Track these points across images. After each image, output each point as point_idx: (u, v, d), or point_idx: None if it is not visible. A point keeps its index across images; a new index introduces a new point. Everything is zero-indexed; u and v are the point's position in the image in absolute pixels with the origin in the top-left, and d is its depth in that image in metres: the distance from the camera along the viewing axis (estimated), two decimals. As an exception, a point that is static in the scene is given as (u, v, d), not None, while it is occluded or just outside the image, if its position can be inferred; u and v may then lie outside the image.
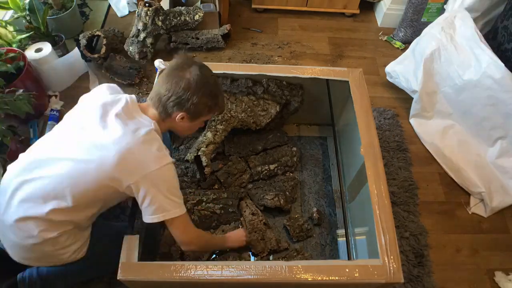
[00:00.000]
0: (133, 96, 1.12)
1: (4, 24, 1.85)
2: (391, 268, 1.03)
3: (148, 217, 1.04)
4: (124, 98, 1.09)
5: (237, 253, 1.39)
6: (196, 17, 2.07)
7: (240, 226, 1.44)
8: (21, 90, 1.41)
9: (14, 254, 1.06)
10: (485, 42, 1.57)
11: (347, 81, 1.45)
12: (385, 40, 2.35)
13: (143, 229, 1.23)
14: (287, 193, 1.54)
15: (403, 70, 1.93)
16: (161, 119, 1.11)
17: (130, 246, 1.05)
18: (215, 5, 2.14)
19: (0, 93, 1.40)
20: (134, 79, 1.96)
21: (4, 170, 1.38)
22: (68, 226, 1.03)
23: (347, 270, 1.03)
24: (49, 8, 1.98)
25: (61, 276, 1.22)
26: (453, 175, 1.73)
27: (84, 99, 1.14)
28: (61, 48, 1.97)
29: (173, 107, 1.08)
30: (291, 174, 1.62)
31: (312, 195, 1.61)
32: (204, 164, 1.46)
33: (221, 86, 1.22)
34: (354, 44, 2.32)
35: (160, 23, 1.97)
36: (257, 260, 1.39)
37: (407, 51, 1.93)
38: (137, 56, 2.02)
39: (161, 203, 1.02)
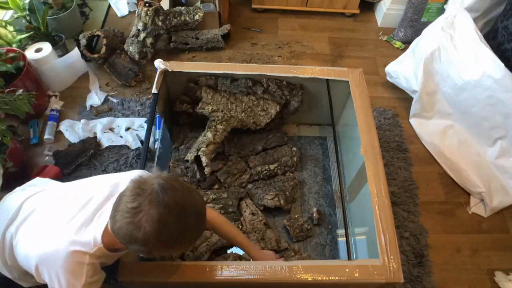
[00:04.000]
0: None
1: (4, 24, 1.85)
2: (391, 268, 1.03)
3: None
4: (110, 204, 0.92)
5: (237, 253, 1.39)
6: (196, 17, 2.07)
7: (241, 226, 1.44)
8: (21, 90, 1.41)
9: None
10: (485, 42, 1.56)
11: (347, 81, 1.45)
12: (385, 40, 2.35)
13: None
14: (287, 193, 1.54)
15: (403, 70, 1.93)
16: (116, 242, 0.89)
17: (130, 246, 1.05)
18: (215, 5, 2.14)
19: (0, 93, 1.40)
20: (130, 81, 1.96)
21: (4, 170, 1.39)
22: None
23: (347, 270, 1.03)
24: (49, 8, 1.98)
25: None
26: (453, 175, 1.73)
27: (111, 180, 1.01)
28: (61, 48, 1.97)
29: (133, 248, 0.86)
30: (291, 174, 1.62)
31: (312, 195, 1.61)
32: (204, 164, 1.46)
33: (187, 223, 0.84)
34: (354, 44, 2.32)
35: (160, 23, 1.97)
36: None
37: (407, 51, 1.93)
38: (137, 56, 2.02)
39: None
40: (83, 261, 0.89)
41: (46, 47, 1.81)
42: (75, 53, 1.91)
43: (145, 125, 1.77)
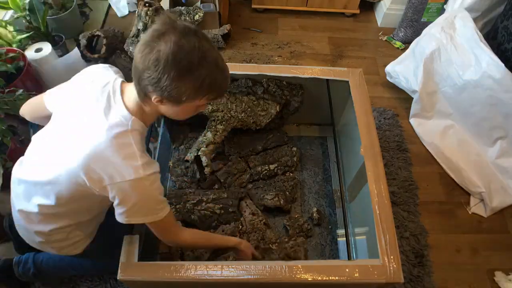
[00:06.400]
0: (119, 78, 0.98)
1: (4, 24, 1.85)
2: (391, 268, 1.03)
3: (119, 217, 0.94)
4: (110, 84, 0.96)
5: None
6: (196, 17, 2.07)
7: (240, 226, 1.44)
8: (21, 90, 1.41)
9: (24, 237, 1.10)
10: (485, 42, 1.56)
11: (347, 81, 1.45)
12: (385, 40, 2.35)
13: (143, 229, 1.24)
14: (287, 193, 1.54)
15: (403, 70, 1.93)
16: (142, 103, 0.92)
17: (130, 246, 1.05)
18: (215, 5, 2.14)
19: (0, 93, 1.40)
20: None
21: (5, 170, 1.39)
22: (60, 222, 1.02)
23: (347, 270, 1.03)
24: (49, 8, 1.98)
25: (55, 267, 1.24)
26: (453, 175, 1.73)
27: (79, 82, 1.03)
28: (61, 48, 1.97)
29: (147, 86, 0.85)
30: (291, 174, 1.62)
31: (312, 195, 1.61)
32: (204, 164, 1.46)
33: (217, 62, 0.86)
34: (354, 44, 2.32)
35: (160, 23, 1.97)
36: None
37: (407, 51, 1.93)
38: (137, 56, 2.02)
39: (133, 209, 0.92)
40: (127, 140, 0.89)
41: (46, 47, 1.81)
42: (75, 53, 1.91)
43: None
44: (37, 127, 1.74)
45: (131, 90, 0.93)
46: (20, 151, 1.58)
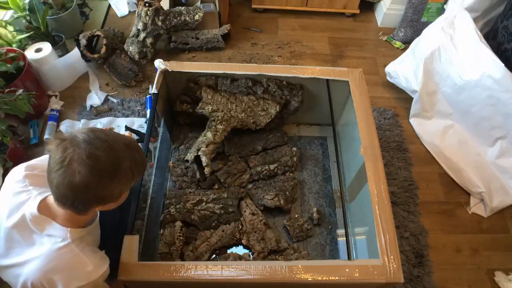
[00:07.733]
0: (37, 200, 0.91)
1: (4, 24, 1.85)
2: (391, 268, 1.03)
3: None
4: (28, 204, 0.90)
5: (237, 253, 1.39)
6: (196, 17, 2.07)
7: (240, 226, 1.44)
8: (21, 90, 1.41)
9: None
10: (485, 42, 1.57)
11: (347, 81, 1.45)
12: (385, 40, 2.35)
13: (143, 229, 1.24)
14: (287, 193, 1.54)
15: (403, 70, 1.93)
16: (79, 216, 0.90)
17: (130, 246, 1.05)
18: (215, 5, 2.14)
19: (0, 93, 1.40)
20: (130, 81, 1.96)
21: (4, 170, 1.39)
22: None
23: (347, 270, 1.03)
24: (49, 8, 1.98)
25: None
26: (453, 175, 1.73)
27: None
28: (61, 48, 1.97)
29: (83, 207, 0.86)
30: (291, 174, 1.62)
31: (312, 195, 1.61)
32: (204, 164, 1.46)
33: (125, 143, 0.88)
34: (354, 44, 2.32)
35: (160, 23, 1.97)
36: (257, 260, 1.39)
37: (407, 51, 1.93)
38: (137, 56, 2.02)
39: None
40: (74, 251, 0.89)
41: (46, 47, 1.81)
42: (75, 53, 1.91)
43: (145, 125, 1.77)
44: (36, 128, 1.75)
45: (57, 209, 0.90)
46: (20, 151, 1.59)
